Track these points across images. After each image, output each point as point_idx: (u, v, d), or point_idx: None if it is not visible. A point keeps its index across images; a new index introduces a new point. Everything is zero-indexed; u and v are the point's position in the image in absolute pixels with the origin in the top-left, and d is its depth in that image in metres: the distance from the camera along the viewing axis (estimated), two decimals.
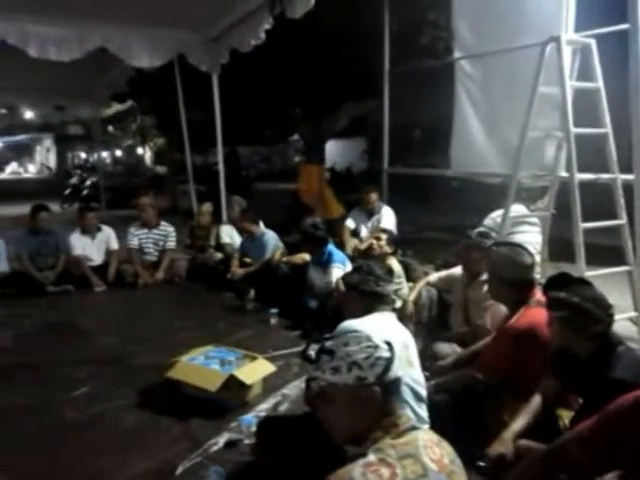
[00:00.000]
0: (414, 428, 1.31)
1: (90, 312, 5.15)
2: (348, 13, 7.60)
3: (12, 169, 40.80)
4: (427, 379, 2.47)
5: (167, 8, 5.77)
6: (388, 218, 5.74)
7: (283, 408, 3.02)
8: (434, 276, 3.89)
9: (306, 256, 4.92)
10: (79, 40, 6.00)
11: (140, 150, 28.59)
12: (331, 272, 4.37)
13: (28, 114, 15.40)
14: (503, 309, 2.74)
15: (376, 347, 1.30)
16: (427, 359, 3.05)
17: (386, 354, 1.29)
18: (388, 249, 4.39)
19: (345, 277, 2.56)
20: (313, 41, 7.75)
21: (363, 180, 13.32)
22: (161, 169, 22.15)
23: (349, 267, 4.39)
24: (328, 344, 1.33)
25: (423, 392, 2.27)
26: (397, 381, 1.32)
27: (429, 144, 13.06)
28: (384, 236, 4.45)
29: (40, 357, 3.87)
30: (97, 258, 6.09)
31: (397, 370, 1.30)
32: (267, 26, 5.52)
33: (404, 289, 4.25)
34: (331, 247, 4.57)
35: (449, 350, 3.21)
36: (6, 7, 5.40)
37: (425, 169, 7.67)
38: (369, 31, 7.30)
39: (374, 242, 4.44)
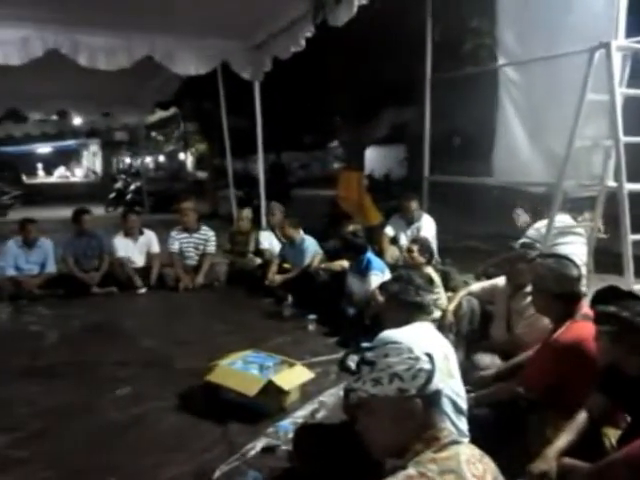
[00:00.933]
0: (456, 442, 1.29)
1: (133, 314, 5.28)
2: (389, 20, 7.61)
3: (60, 173, 42.27)
4: (467, 391, 2.43)
5: (212, 18, 5.90)
6: (428, 227, 5.68)
7: (320, 415, 3.01)
8: (476, 286, 3.81)
9: (345, 263, 4.92)
10: (127, 50, 6.20)
11: (182, 156, 29.19)
12: (370, 280, 4.34)
13: (77, 120, 15.85)
14: (545, 321, 2.67)
15: (417, 359, 1.28)
16: (467, 371, 3.00)
17: (427, 366, 1.28)
18: (421, 259, 4.34)
19: (385, 286, 2.55)
20: (354, 48, 7.78)
21: (402, 187, 13.25)
22: (202, 174, 22.53)
23: (388, 275, 4.36)
24: (368, 355, 1.32)
25: (463, 405, 2.23)
26: (438, 393, 1.31)
27: (469, 152, 12.89)
28: (415, 247, 4.41)
29: (85, 356, 4.00)
30: (139, 261, 6.24)
31: (438, 382, 1.29)
32: (308, 34, 5.58)
33: (442, 299, 4.20)
34: (370, 255, 4.55)
35: (489, 361, 3.14)
36: (60, 19, 5.62)
37: (466, 177, 7.55)
38: (410, 38, 7.29)
39: (406, 255, 4.42)
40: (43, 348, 4.25)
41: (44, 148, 35.85)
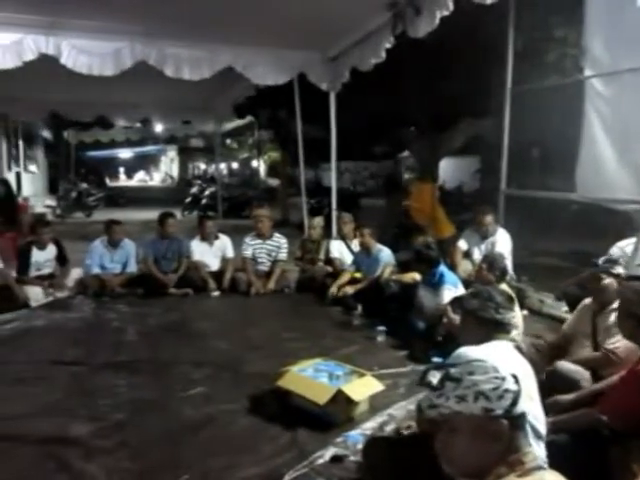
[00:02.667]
0: (540, 467, 1.25)
1: (206, 316, 5.43)
2: (467, 29, 7.48)
3: (140, 177, 44.47)
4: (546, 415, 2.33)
5: (290, 30, 6.04)
6: (503, 242, 5.52)
7: (389, 428, 2.97)
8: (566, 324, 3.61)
9: (416, 275, 4.87)
10: (210, 61, 6.46)
11: (255, 163, 29.89)
12: (442, 294, 4.26)
13: (158, 127, 16.66)
14: None
15: (503, 379, 1.25)
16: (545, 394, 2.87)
17: (513, 387, 1.24)
18: (490, 276, 4.19)
19: (462, 302, 2.50)
20: (431, 58, 7.71)
21: (475, 200, 12.93)
22: (273, 182, 22.97)
23: (461, 289, 4.28)
24: (453, 371, 1.30)
25: (542, 429, 2.13)
26: (524, 416, 1.27)
27: (548, 165, 12.41)
28: (484, 265, 4.28)
29: (162, 354, 4.18)
30: (213, 264, 6.45)
31: (524, 404, 1.25)
32: (388, 45, 5.60)
33: (518, 317, 4.05)
34: (443, 268, 4.47)
35: (573, 367, 2.97)
36: (149, 32, 5.94)
37: (546, 192, 7.27)
38: (488, 48, 7.14)
39: (475, 272, 4.30)
40: (123, 343, 4.47)
41: (126, 153, 37.81)
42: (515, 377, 1.29)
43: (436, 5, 4.69)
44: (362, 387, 3.10)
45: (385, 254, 5.61)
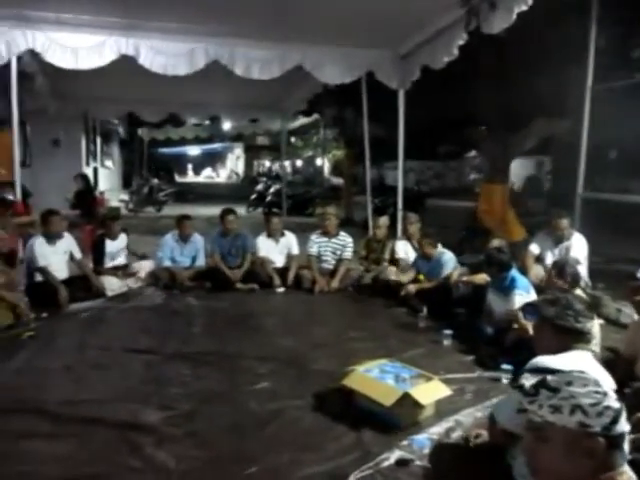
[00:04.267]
0: None
1: (271, 311, 5.51)
2: (545, 25, 7.20)
3: (207, 174, 45.71)
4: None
5: (360, 28, 6.02)
6: (579, 247, 5.27)
7: (455, 435, 2.90)
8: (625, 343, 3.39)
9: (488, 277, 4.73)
10: (279, 60, 6.54)
11: (319, 161, 30.07)
12: (513, 299, 4.11)
13: (226, 125, 17.07)
14: None
15: (605, 394, 1.19)
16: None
17: (615, 404, 1.17)
18: (560, 283, 3.99)
19: (540, 309, 2.40)
20: (505, 55, 7.46)
21: (546, 203, 12.45)
22: (337, 180, 23.02)
23: (533, 295, 4.12)
24: (550, 379, 1.24)
25: (625, 447, 2.02)
26: (623, 436, 1.20)
27: (628, 167, 11.77)
28: (553, 271, 4.09)
29: (228, 347, 4.26)
30: (279, 261, 6.53)
31: (624, 424, 1.17)
32: (461, 42, 5.47)
33: (595, 326, 3.85)
34: (514, 272, 4.32)
35: None
36: (221, 32, 6.08)
37: (628, 195, 6.87)
38: (566, 44, 6.84)
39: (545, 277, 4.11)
40: (192, 335, 4.61)
41: (195, 150, 39.00)
42: (617, 394, 1.23)
43: (514, 0, 4.53)
44: (429, 391, 3.04)
45: (449, 258, 5.49)
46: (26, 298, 5.01)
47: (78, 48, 5.87)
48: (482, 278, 4.87)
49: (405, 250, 6.21)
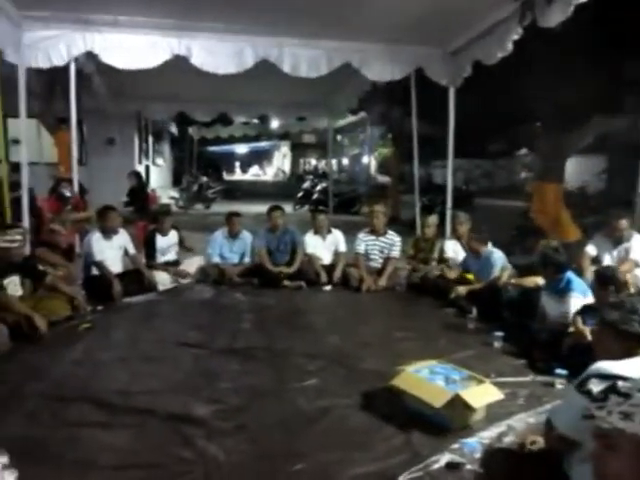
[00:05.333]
0: None
1: (319, 309, 5.53)
2: (603, 19, 6.91)
3: (254, 171, 46.26)
4: None
5: (409, 24, 5.94)
6: (639, 248, 5.05)
7: (507, 440, 2.82)
8: None
9: (539, 280, 4.58)
10: (327, 58, 6.52)
11: (365, 159, 29.94)
12: (569, 302, 3.97)
13: (274, 123, 17.23)
14: None
15: None
16: None
17: None
18: (605, 295, 3.81)
19: (602, 313, 2.30)
20: (559, 50, 7.20)
21: (601, 202, 11.98)
22: (383, 179, 22.86)
23: (590, 298, 3.97)
24: (621, 385, 1.19)
25: None
26: None
27: None
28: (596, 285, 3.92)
29: (276, 344, 4.30)
30: (326, 258, 6.54)
31: None
32: (515, 37, 5.32)
33: None
34: (570, 274, 4.16)
35: None
36: (269, 31, 6.13)
37: None
38: (626, 40, 6.56)
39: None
40: (241, 331, 4.66)
41: (242, 148, 39.54)
42: None
43: None
44: (480, 394, 2.98)
45: (498, 257, 5.35)
46: (83, 291, 5.21)
47: (133, 49, 6.03)
48: (532, 281, 4.73)
49: (454, 250, 6.11)
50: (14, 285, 4.50)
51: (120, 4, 5.62)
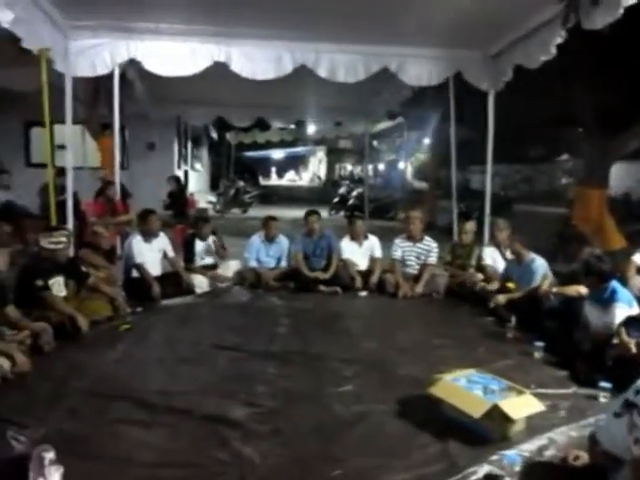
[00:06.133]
0: None
1: (354, 314, 5.51)
2: None
3: (289, 177, 46.57)
4: None
5: (448, 28, 5.88)
6: None
7: (548, 454, 2.74)
8: None
9: (581, 289, 4.45)
10: (364, 63, 6.50)
11: (401, 165, 29.77)
12: (613, 312, 3.84)
13: (311, 129, 17.31)
14: None
15: None
16: None
17: None
18: None
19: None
20: (604, 51, 7.00)
21: None
22: (419, 184, 22.68)
23: (636, 309, 3.84)
24: None
25: None
26: None
27: None
28: None
29: (312, 348, 4.30)
30: (362, 264, 6.53)
31: None
32: (559, 40, 5.20)
33: None
34: (615, 284, 4.03)
35: None
36: (307, 37, 6.16)
37: None
38: None
39: None
40: (277, 334, 4.68)
41: (278, 154, 39.81)
42: None
43: None
44: (520, 405, 2.91)
45: (539, 264, 5.21)
46: (123, 293, 5.33)
47: (174, 56, 6.15)
48: (574, 290, 4.59)
49: (493, 257, 5.99)
50: (58, 285, 4.64)
51: (162, 12, 5.74)
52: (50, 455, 2.10)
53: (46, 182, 6.46)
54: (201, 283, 6.12)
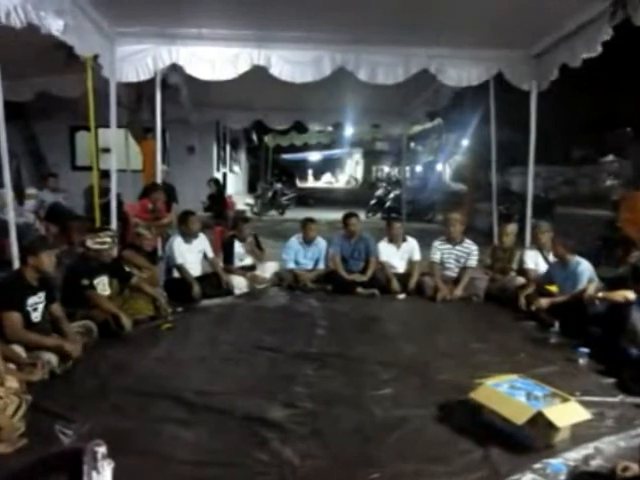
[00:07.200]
0: None
1: (392, 317, 5.47)
2: None
3: (326, 179, 46.64)
4: None
5: (489, 27, 5.78)
6: None
7: (595, 463, 2.65)
8: None
9: (629, 294, 4.30)
10: (404, 64, 6.45)
11: (439, 167, 29.43)
12: None
13: (348, 131, 17.31)
14: None
15: None
16: None
17: None
18: None
19: None
20: None
21: None
22: (457, 186, 22.36)
23: None
24: None
25: None
26: None
27: None
28: None
29: (351, 351, 4.29)
30: (400, 266, 6.48)
31: None
32: (606, 37, 5.05)
33: None
34: None
35: None
36: (347, 39, 6.16)
37: None
38: None
39: None
40: (315, 336, 4.69)
41: (315, 156, 39.93)
42: None
43: None
44: (566, 413, 2.83)
45: (584, 267, 5.05)
46: (165, 293, 5.44)
47: (215, 60, 6.25)
48: (622, 295, 4.43)
49: (535, 261, 5.83)
50: (103, 285, 4.78)
51: (204, 18, 5.84)
52: (102, 450, 2.16)
53: (91, 184, 6.66)
54: (240, 284, 6.19)
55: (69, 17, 4.52)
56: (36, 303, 3.78)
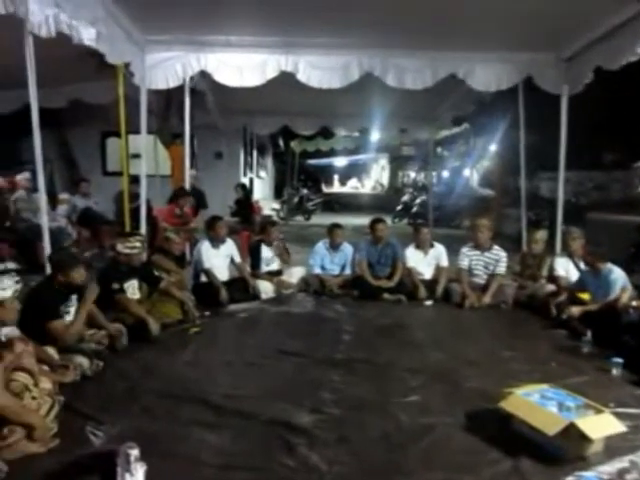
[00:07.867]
0: None
1: (419, 324, 5.41)
2: None
3: (352, 184, 46.57)
4: None
5: (518, 30, 5.71)
6: None
7: (630, 478, 2.57)
8: None
9: None
10: (432, 69, 6.42)
11: (466, 172, 29.13)
12: None
13: (374, 136, 17.27)
14: None
15: None
16: None
17: None
18: None
19: None
20: None
21: None
22: (484, 191, 22.09)
23: None
24: None
25: None
26: None
27: None
28: None
29: (377, 357, 4.25)
30: (427, 273, 6.43)
31: None
32: None
33: None
34: None
35: None
36: (374, 44, 6.16)
37: None
38: None
39: None
40: (341, 342, 4.68)
41: (341, 161, 39.93)
42: None
43: None
44: (599, 424, 2.75)
45: (619, 275, 4.93)
46: (193, 297, 5.49)
47: (243, 67, 6.31)
48: None
49: (566, 268, 5.71)
50: (133, 289, 4.84)
51: (232, 25, 5.92)
52: (135, 452, 2.19)
53: (121, 189, 6.78)
54: (266, 289, 6.22)
55: (102, 26, 4.62)
56: (68, 307, 3.87)
